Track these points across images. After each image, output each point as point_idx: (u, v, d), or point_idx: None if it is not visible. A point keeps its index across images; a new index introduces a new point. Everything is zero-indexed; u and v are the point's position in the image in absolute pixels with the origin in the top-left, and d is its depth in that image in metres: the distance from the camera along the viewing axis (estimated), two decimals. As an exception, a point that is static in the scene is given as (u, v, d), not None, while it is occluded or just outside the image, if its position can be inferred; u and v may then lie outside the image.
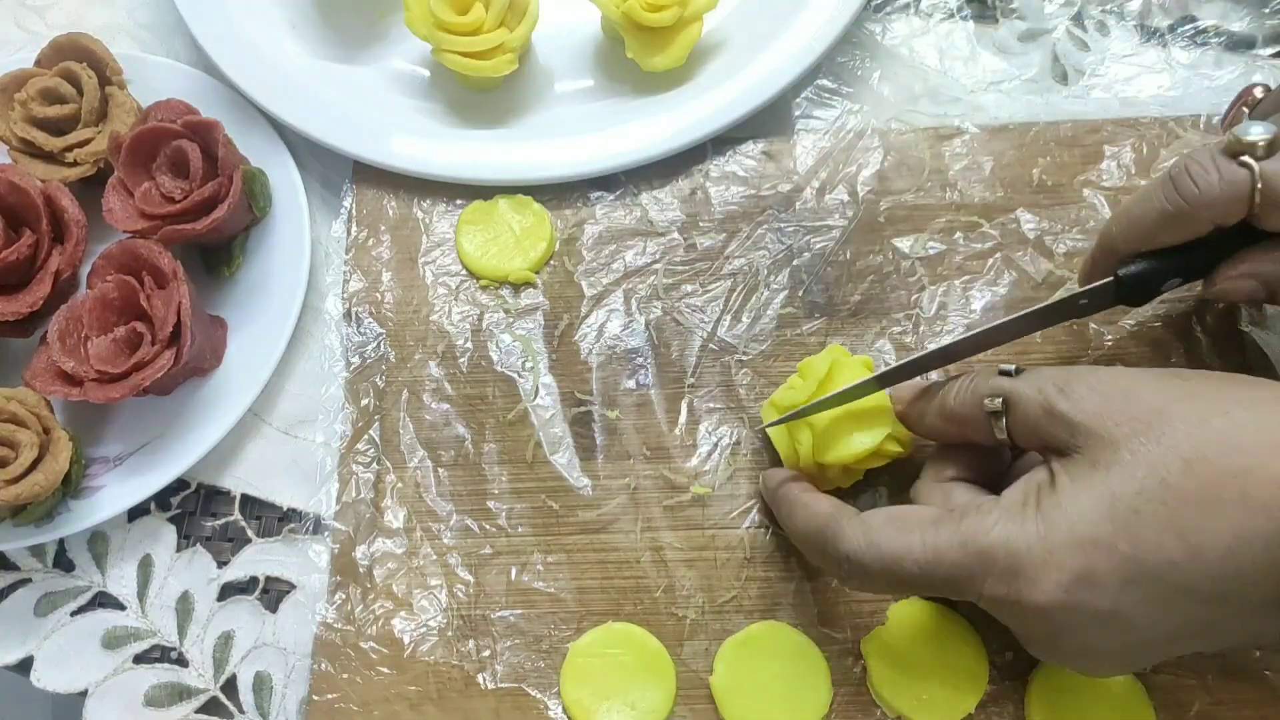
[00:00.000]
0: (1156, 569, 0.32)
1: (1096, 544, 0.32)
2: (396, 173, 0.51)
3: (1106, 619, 0.32)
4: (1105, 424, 0.33)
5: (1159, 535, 0.32)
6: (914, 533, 0.35)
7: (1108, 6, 0.55)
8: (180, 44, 0.56)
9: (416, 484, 0.46)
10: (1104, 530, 0.32)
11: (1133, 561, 0.32)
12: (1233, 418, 0.32)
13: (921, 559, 0.34)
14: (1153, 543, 0.32)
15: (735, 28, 0.54)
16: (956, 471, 0.40)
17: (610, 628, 0.43)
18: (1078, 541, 0.32)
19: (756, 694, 0.42)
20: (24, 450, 0.43)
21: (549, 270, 0.50)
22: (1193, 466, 0.32)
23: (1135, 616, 0.32)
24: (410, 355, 0.49)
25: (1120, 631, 0.33)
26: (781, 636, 0.43)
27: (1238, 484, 0.31)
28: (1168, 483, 0.32)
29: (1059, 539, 0.32)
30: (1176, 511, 0.31)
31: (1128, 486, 0.32)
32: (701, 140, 0.51)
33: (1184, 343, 0.47)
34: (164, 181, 0.48)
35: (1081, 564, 0.32)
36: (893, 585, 0.37)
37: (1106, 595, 0.32)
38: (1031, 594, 0.33)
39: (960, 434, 0.40)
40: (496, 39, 0.50)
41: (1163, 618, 0.32)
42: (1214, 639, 0.34)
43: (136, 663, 0.45)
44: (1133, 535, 0.32)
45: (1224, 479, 0.31)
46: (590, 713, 0.42)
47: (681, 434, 0.47)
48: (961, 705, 0.41)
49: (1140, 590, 0.32)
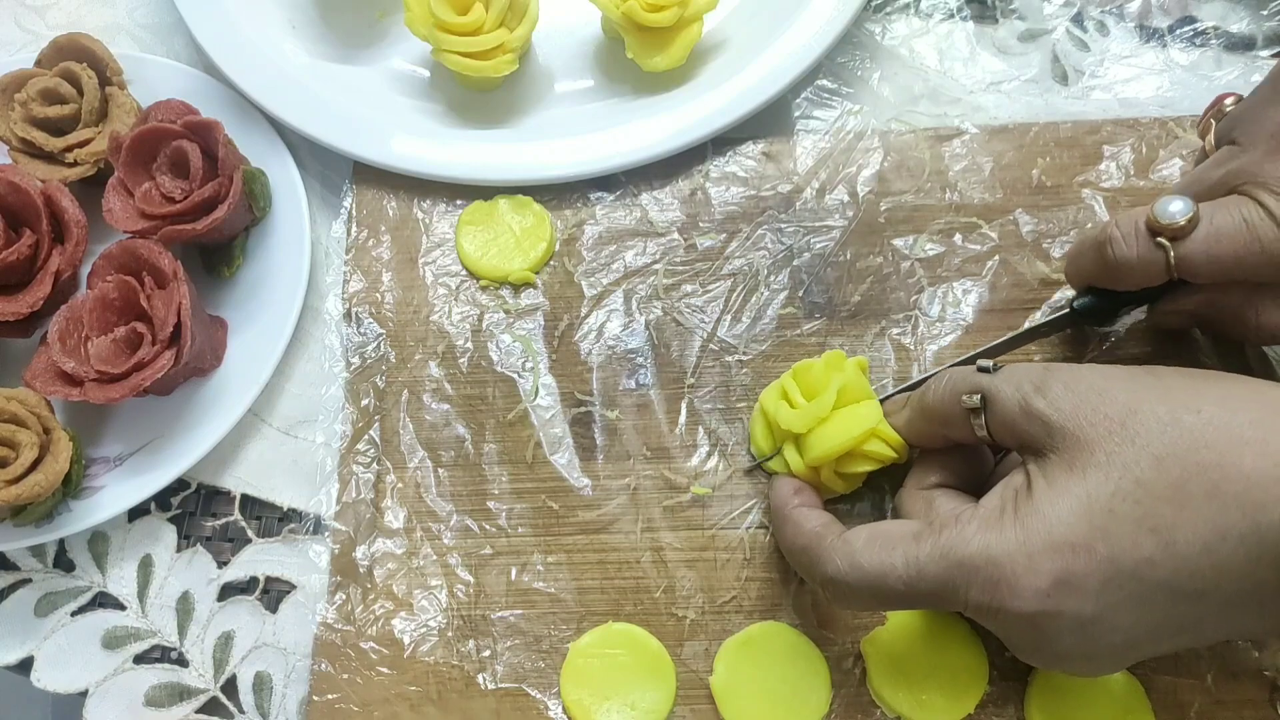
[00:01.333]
0: (1135, 568, 0.32)
1: (1074, 547, 0.32)
2: (397, 173, 0.51)
3: (1089, 621, 0.33)
4: (1080, 424, 0.34)
5: (1135, 534, 0.32)
6: (895, 549, 0.35)
7: (1107, 7, 0.55)
8: (180, 44, 0.56)
9: (416, 484, 0.46)
10: (1081, 533, 0.32)
11: (1110, 562, 0.32)
12: (1204, 415, 0.32)
13: (905, 576, 0.35)
14: (1129, 542, 0.32)
15: (735, 28, 0.54)
16: (939, 478, 0.40)
17: (610, 628, 0.44)
18: (1056, 546, 0.32)
19: (756, 695, 0.42)
20: (24, 450, 0.43)
21: (549, 270, 0.50)
22: (1164, 464, 0.32)
23: (1117, 617, 0.33)
24: (410, 355, 0.49)
25: (1104, 633, 0.33)
26: (782, 637, 0.43)
27: (1209, 480, 0.31)
28: (1141, 481, 0.32)
29: (1037, 544, 0.33)
30: (1151, 510, 0.32)
31: (1103, 488, 0.32)
32: (701, 140, 0.51)
33: (1184, 342, 0.47)
34: (164, 181, 0.48)
35: (1061, 568, 0.32)
36: (879, 603, 0.37)
37: (1087, 598, 0.32)
38: (1014, 601, 0.33)
39: (942, 434, 0.40)
40: (497, 39, 0.50)
41: (1144, 616, 0.33)
42: (1198, 635, 0.34)
43: (136, 663, 0.45)
44: (1110, 536, 0.32)
45: (1196, 475, 0.32)
46: (590, 713, 0.42)
47: (682, 434, 0.47)
48: (961, 706, 0.41)
49: (1120, 590, 0.32)
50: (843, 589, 0.36)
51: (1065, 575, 0.32)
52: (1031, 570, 0.32)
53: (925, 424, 0.40)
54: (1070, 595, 0.32)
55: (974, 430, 0.38)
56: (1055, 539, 0.32)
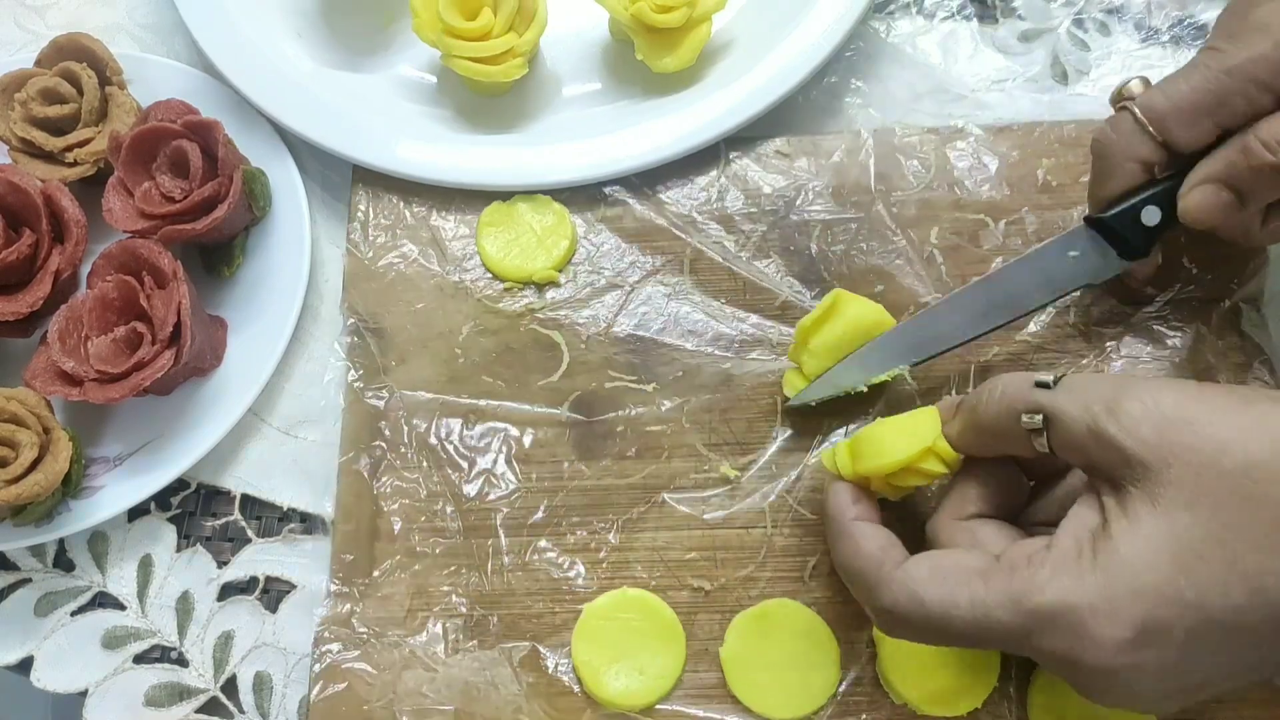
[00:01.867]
0: (1223, 616, 0.30)
1: (1160, 594, 0.30)
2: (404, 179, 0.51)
3: (1169, 667, 0.31)
4: (1164, 457, 0.31)
5: (1225, 581, 0.30)
6: (961, 588, 0.33)
7: (1108, 6, 0.55)
8: (180, 44, 0.56)
9: (420, 477, 0.46)
10: (1167, 579, 0.30)
11: (1198, 609, 0.30)
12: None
13: (970, 618, 0.32)
14: (1219, 589, 0.30)
15: (743, 28, 0.53)
16: (977, 508, 0.38)
17: (625, 592, 0.44)
18: (1139, 592, 0.30)
19: (765, 669, 0.42)
20: (24, 450, 0.43)
21: (571, 269, 0.50)
22: (1258, 507, 0.30)
23: (1198, 662, 0.31)
24: (411, 355, 0.48)
25: (1181, 675, 0.31)
26: (795, 615, 0.43)
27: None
28: (1232, 525, 0.30)
29: (1120, 591, 0.30)
30: (1242, 555, 0.30)
31: (1191, 531, 0.30)
32: (712, 141, 0.50)
33: (1186, 343, 0.46)
34: (164, 181, 0.48)
35: (1145, 616, 0.30)
36: (937, 640, 0.35)
37: (1172, 647, 0.30)
38: (1093, 653, 0.31)
39: (996, 448, 0.37)
40: (505, 44, 0.49)
41: (1225, 659, 0.31)
42: (1263, 671, 0.32)
43: (136, 663, 0.45)
44: (1198, 583, 0.30)
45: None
46: (598, 673, 0.42)
47: (707, 428, 0.46)
48: (969, 699, 0.41)
49: (1206, 638, 0.30)
50: (900, 621, 0.34)
51: (1150, 624, 0.30)
52: (1114, 620, 0.30)
53: (978, 437, 0.37)
54: (1154, 644, 0.30)
55: (1034, 448, 0.35)
56: (1139, 585, 0.30)
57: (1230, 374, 0.46)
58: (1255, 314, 0.47)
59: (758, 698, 0.42)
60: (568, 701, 0.43)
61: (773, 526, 0.45)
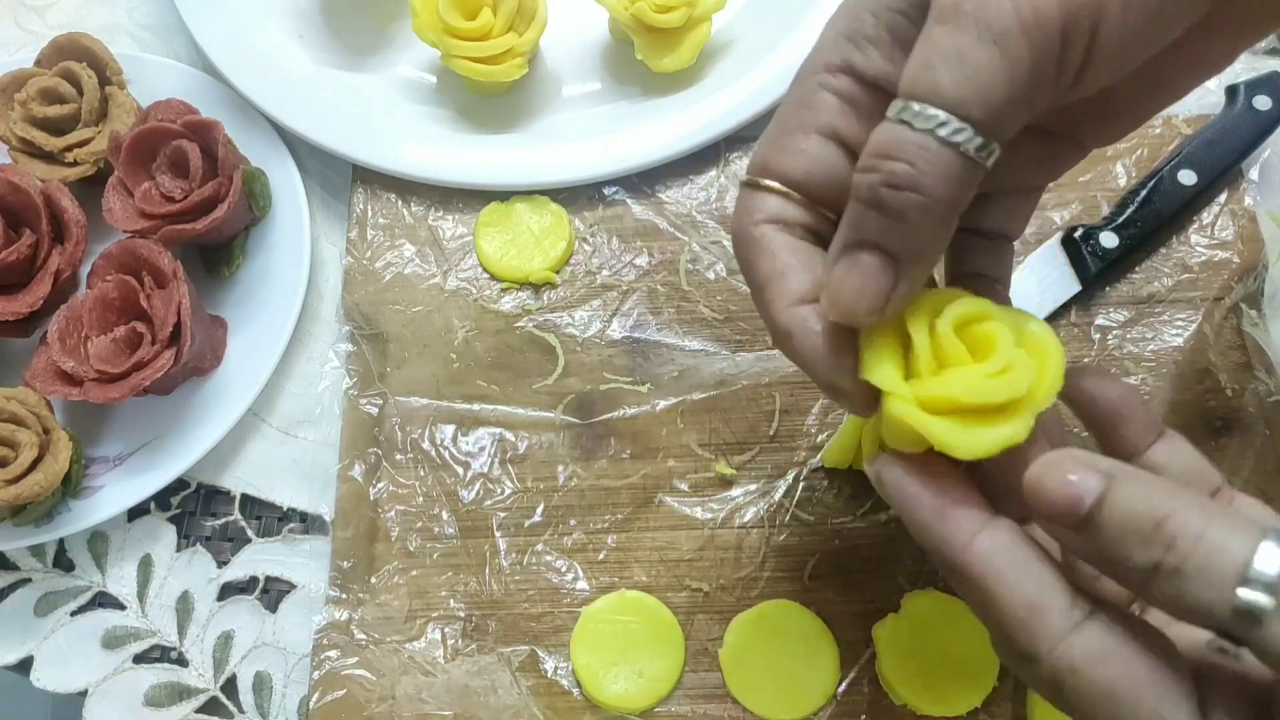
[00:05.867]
0: None
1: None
2: (404, 179, 0.51)
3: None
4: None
5: None
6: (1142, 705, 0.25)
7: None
8: (180, 44, 0.56)
9: (417, 483, 0.46)
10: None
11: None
12: None
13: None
14: None
15: (743, 27, 0.53)
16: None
17: (624, 595, 0.44)
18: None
19: (764, 670, 0.42)
20: (24, 450, 0.43)
21: (568, 269, 0.50)
22: None
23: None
24: (411, 355, 0.48)
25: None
26: (794, 616, 0.43)
27: None
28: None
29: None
30: None
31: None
32: (713, 141, 0.50)
33: (1186, 343, 0.46)
34: (164, 181, 0.48)
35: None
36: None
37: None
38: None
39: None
40: (505, 44, 0.49)
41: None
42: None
43: (136, 662, 0.45)
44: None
45: None
46: (598, 677, 0.42)
47: (704, 429, 0.46)
48: (967, 699, 0.41)
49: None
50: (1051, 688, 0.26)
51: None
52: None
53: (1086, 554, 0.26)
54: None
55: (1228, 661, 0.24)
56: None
57: (1230, 374, 0.46)
58: (1255, 314, 0.47)
59: (757, 699, 0.42)
60: (567, 704, 0.43)
61: (772, 527, 0.45)
